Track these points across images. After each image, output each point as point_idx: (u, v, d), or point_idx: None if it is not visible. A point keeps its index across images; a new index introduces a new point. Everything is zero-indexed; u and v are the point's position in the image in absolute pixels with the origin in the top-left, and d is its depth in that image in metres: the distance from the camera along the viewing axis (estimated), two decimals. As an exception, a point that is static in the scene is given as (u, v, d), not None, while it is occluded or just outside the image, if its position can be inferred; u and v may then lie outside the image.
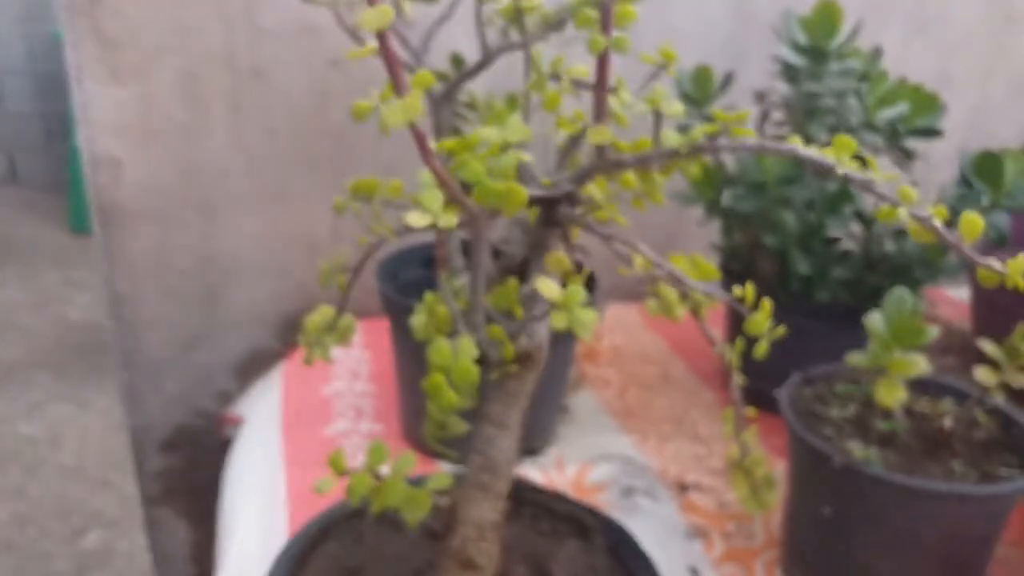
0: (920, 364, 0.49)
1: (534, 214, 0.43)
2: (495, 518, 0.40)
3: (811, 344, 0.60)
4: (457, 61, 0.67)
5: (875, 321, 0.51)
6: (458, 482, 0.40)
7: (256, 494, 0.67)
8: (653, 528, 0.62)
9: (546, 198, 0.41)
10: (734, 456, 0.44)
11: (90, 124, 0.80)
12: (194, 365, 0.92)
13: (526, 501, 0.48)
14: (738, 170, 0.71)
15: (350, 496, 0.36)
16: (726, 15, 0.94)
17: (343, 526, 0.46)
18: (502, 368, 0.39)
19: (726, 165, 0.73)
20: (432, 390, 0.35)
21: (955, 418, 0.55)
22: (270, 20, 0.82)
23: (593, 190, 0.41)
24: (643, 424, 0.76)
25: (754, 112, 0.72)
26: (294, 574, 0.43)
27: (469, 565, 0.39)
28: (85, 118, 0.80)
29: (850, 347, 0.52)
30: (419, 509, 0.37)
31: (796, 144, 0.37)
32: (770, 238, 0.70)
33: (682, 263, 0.41)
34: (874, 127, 0.68)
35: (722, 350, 0.42)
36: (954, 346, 0.86)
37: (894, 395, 0.49)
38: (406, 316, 0.41)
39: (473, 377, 0.35)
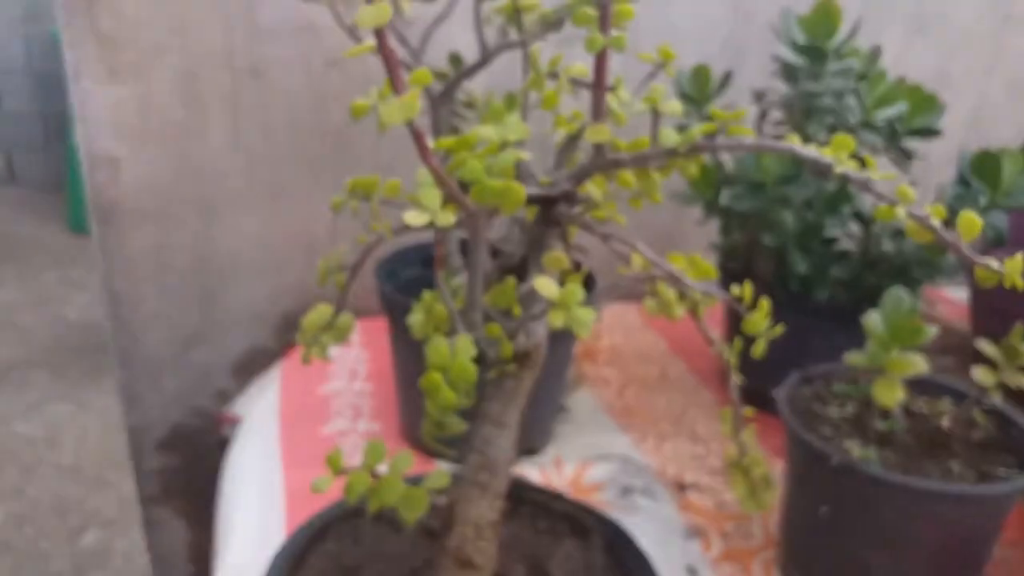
0: (918, 364, 0.49)
1: (532, 213, 0.43)
2: (493, 517, 0.40)
3: (809, 343, 0.60)
4: (456, 60, 0.67)
5: (873, 321, 0.51)
6: (456, 481, 0.40)
7: (254, 493, 0.67)
8: (651, 527, 0.62)
9: (544, 197, 0.41)
10: (732, 456, 0.44)
11: (88, 123, 0.80)
12: (192, 364, 0.92)
13: (524, 500, 0.48)
14: (737, 169, 0.71)
15: (348, 495, 0.36)
16: (725, 14, 0.94)
17: (341, 525, 0.46)
18: (500, 367, 0.39)
19: (725, 164, 0.73)
20: (430, 389, 0.35)
21: (953, 418, 0.55)
22: (269, 19, 0.82)
23: (591, 189, 0.41)
24: (642, 423, 0.76)
25: (752, 111, 0.72)
26: (292, 573, 0.43)
27: (467, 564, 0.39)
28: (83, 117, 0.80)
29: (848, 347, 0.52)
30: (417, 508, 0.37)
31: (794, 143, 0.37)
32: (768, 237, 0.70)
33: (680, 262, 0.41)
34: (873, 127, 0.68)
35: (720, 349, 0.42)
36: (952, 346, 0.86)
37: (892, 395, 0.49)
38: (404, 315, 0.41)
39: (471, 376, 0.35)
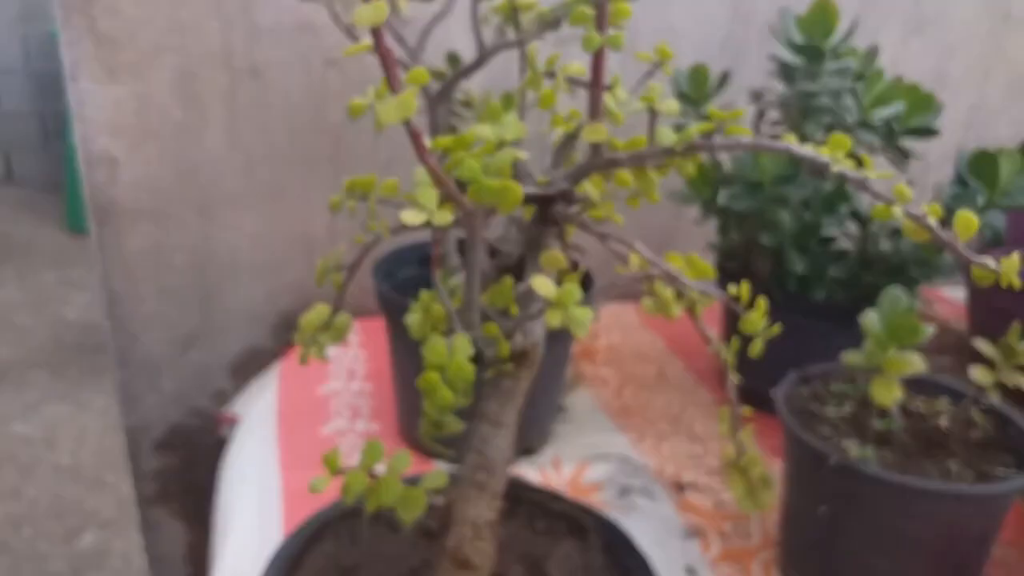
0: (916, 363, 0.49)
1: (530, 212, 0.43)
2: (491, 517, 0.40)
3: (807, 343, 0.60)
4: (453, 59, 0.67)
5: (871, 320, 0.51)
6: (454, 481, 0.40)
7: (252, 493, 0.67)
8: (650, 527, 0.62)
9: (542, 196, 0.41)
10: (730, 455, 0.44)
11: (86, 122, 0.80)
12: (191, 364, 0.92)
13: (522, 500, 0.48)
14: (734, 169, 0.71)
15: (345, 495, 0.36)
16: (724, 14, 0.94)
17: (339, 525, 0.46)
18: (498, 366, 0.39)
19: (722, 164, 0.73)
20: (428, 388, 0.35)
21: (951, 417, 0.55)
22: (268, 19, 0.82)
23: (589, 188, 0.41)
24: (640, 423, 0.76)
25: (750, 111, 0.72)
26: (289, 573, 0.43)
27: (465, 564, 0.39)
28: (81, 116, 0.80)
29: (846, 346, 0.52)
30: (414, 508, 0.37)
31: (792, 143, 0.37)
32: (766, 237, 0.70)
33: (678, 262, 0.40)
34: (870, 126, 0.68)
35: (718, 349, 0.42)
36: (950, 345, 0.86)
37: (890, 394, 0.49)
38: (402, 314, 0.41)
39: (469, 375, 0.35)
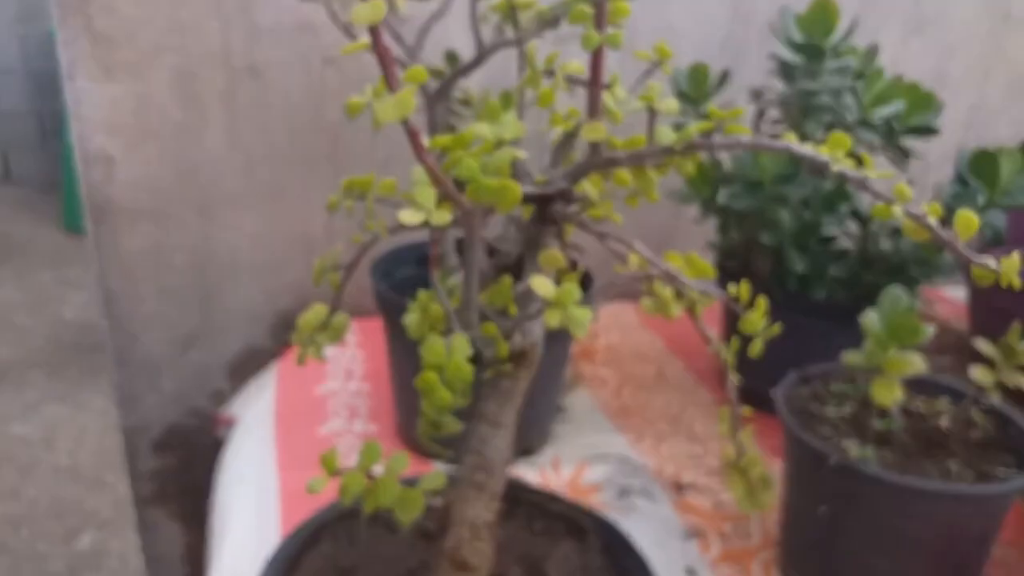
0: (916, 363, 0.49)
1: (528, 211, 0.42)
2: (489, 518, 0.40)
3: (807, 343, 0.59)
4: (452, 58, 0.66)
5: (871, 320, 0.51)
6: (452, 482, 0.39)
7: (250, 494, 0.67)
8: (649, 528, 0.62)
9: (540, 195, 0.41)
10: (730, 456, 0.44)
11: (83, 122, 0.80)
12: (189, 364, 0.92)
13: (521, 501, 0.48)
14: (734, 168, 0.71)
15: (343, 496, 0.36)
16: (724, 14, 0.94)
17: (337, 526, 0.46)
18: (496, 367, 0.39)
19: (722, 163, 0.73)
20: (426, 389, 0.35)
21: (952, 417, 0.55)
22: (267, 18, 0.81)
23: (588, 187, 0.41)
24: (639, 423, 0.76)
25: (750, 110, 0.71)
26: (288, 574, 0.43)
27: (463, 566, 0.39)
28: (78, 116, 0.80)
29: (846, 346, 0.52)
30: (412, 509, 0.37)
31: (791, 142, 0.36)
32: (766, 236, 0.70)
33: (678, 261, 0.40)
34: (870, 125, 0.68)
35: (718, 349, 0.42)
36: (950, 345, 0.85)
37: (890, 394, 0.49)
38: (400, 314, 0.41)
39: (467, 375, 0.34)
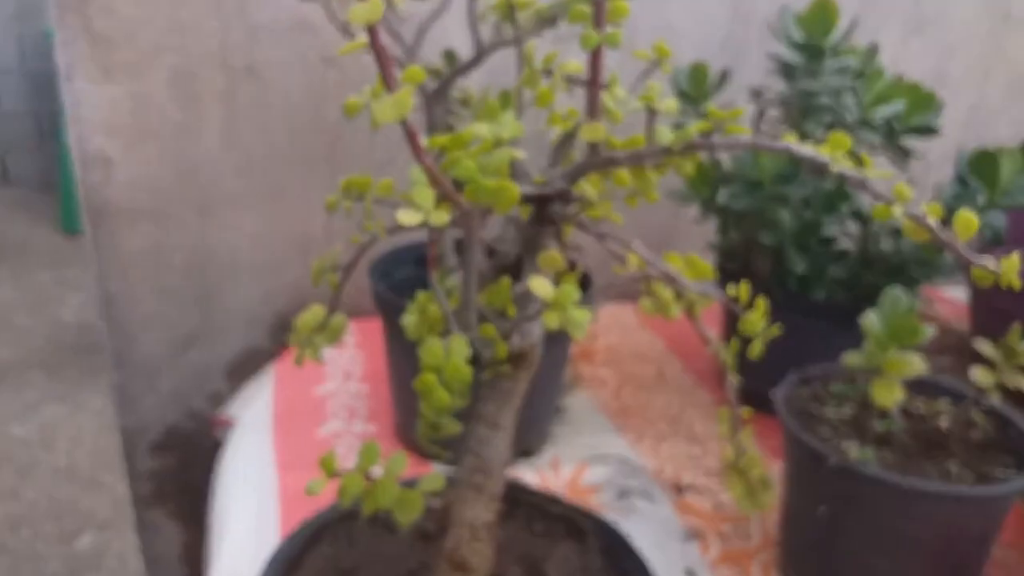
0: (916, 364, 0.49)
1: (527, 212, 0.42)
2: (489, 519, 0.39)
3: (807, 344, 0.59)
4: (450, 57, 0.66)
5: (871, 320, 0.51)
6: (451, 483, 0.39)
7: (248, 495, 0.67)
8: (649, 529, 0.62)
9: (539, 196, 0.41)
10: (730, 457, 0.43)
11: (81, 122, 0.80)
12: (187, 365, 0.92)
13: (520, 502, 0.48)
14: (734, 168, 0.71)
15: (342, 497, 0.36)
16: (724, 13, 0.94)
17: (336, 528, 0.46)
18: (495, 368, 0.39)
19: (722, 163, 0.73)
20: (424, 390, 0.34)
21: (952, 418, 0.55)
22: (265, 17, 0.81)
23: (587, 188, 0.41)
24: (639, 424, 0.75)
25: (750, 110, 0.71)
26: (288, 575, 0.43)
27: (462, 566, 0.39)
28: (76, 116, 0.79)
29: (846, 346, 0.52)
30: (411, 510, 0.37)
31: (791, 142, 0.36)
32: (766, 237, 0.70)
33: (677, 262, 0.40)
34: (870, 125, 0.68)
35: (717, 349, 0.42)
36: (951, 346, 0.85)
37: (890, 395, 0.49)
38: (398, 315, 0.40)
39: (466, 377, 0.34)
